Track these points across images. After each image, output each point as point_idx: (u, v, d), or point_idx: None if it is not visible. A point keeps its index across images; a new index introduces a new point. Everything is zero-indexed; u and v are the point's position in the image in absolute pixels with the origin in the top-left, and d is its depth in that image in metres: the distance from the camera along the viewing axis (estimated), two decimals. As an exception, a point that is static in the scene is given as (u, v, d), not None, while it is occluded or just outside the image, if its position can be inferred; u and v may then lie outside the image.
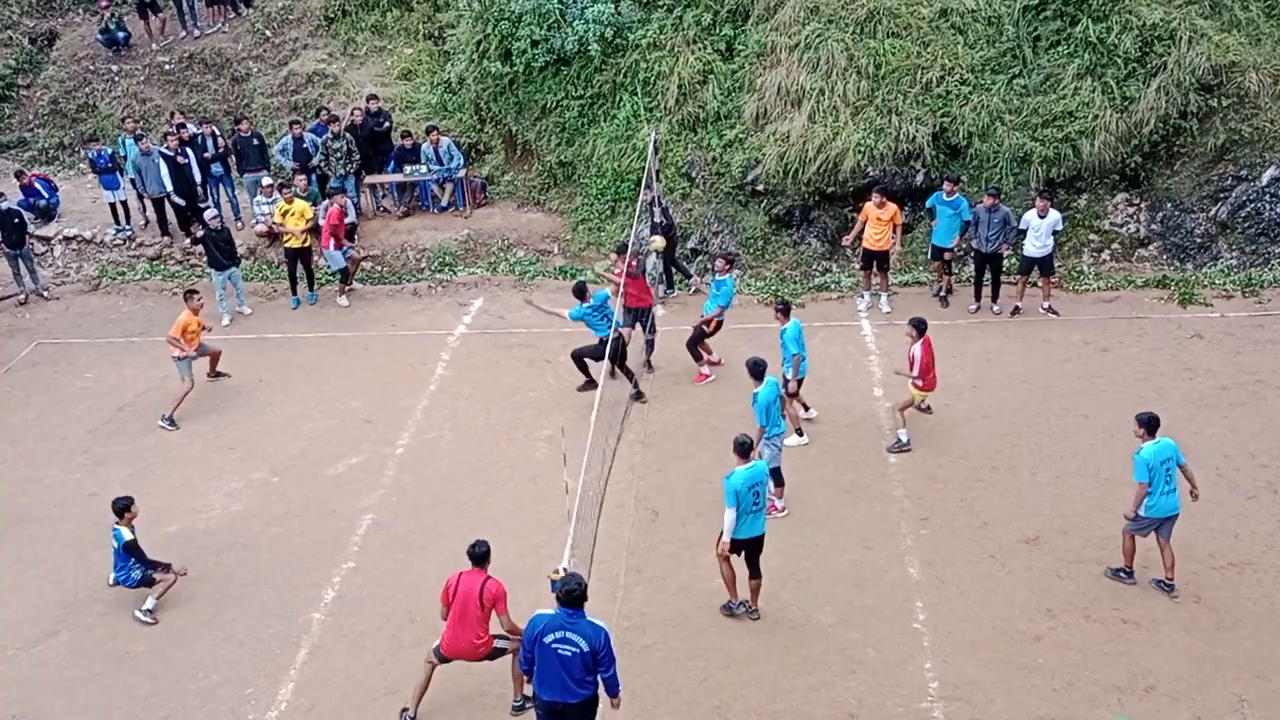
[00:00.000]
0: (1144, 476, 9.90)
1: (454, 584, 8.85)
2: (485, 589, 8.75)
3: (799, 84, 16.72)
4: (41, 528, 12.17)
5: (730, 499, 9.47)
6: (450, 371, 14.81)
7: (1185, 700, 9.01)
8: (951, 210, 15.11)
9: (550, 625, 7.75)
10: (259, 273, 17.82)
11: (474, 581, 8.79)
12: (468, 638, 8.85)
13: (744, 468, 9.56)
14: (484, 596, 8.74)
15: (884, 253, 15.33)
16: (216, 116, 19.92)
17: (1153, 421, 10.06)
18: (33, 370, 15.66)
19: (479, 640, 8.88)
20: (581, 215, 17.90)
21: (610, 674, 7.86)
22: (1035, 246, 14.84)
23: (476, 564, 8.87)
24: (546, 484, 12.08)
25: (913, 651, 9.69)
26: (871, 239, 15.21)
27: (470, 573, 8.85)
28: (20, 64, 21.90)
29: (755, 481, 9.58)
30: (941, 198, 15.17)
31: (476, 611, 8.78)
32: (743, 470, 9.54)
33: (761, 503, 9.71)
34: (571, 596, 7.70)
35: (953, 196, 15.08)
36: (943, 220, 15.21)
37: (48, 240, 18.71)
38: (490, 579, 8.82)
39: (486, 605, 8.76)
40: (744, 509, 9.56)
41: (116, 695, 9.77)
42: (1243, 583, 10.25)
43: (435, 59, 20.32)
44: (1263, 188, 15.76)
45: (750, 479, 9.54)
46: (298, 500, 12.35)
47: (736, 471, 9.54)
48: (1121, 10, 16.11)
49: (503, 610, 8.78)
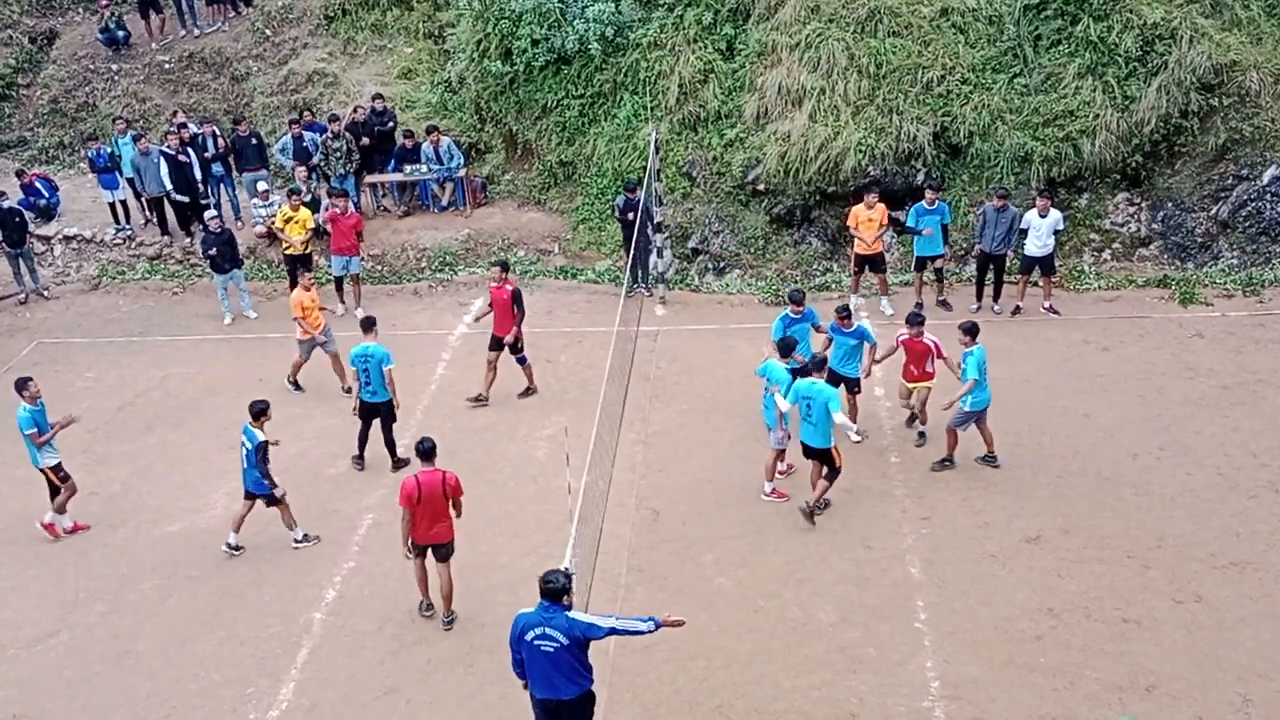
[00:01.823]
0: (975, 373, 11.43)
1: (414, 486, 9.84)
2: (446, 481, 9.90)
3: (800, 83, 16.72)
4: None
5: (792, 396, 11.00)
6: (451, 371, 14.80)
7: (1186, 699, 9.01)
8: (935, 217, 14.84)
9: (529, 623, 7.72)
10: (259, 272, 17.81)
11: (434, 478, 9.87)
12: (440, 526, 10.01)
13: (808, 380, 10.93)
14: (446, 488, 9.88)
15: (878, 255, 15.27)
16: (216, 116, 19.93)
17: (975, 329, 11.67)
18: (33, 370, 15.56)
19: (447, 526, 10.05)
20: (582, 215, 17.90)
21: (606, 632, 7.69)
22: (1036, 246, 14.82)
23: (426, 460, 9.93)
24: (547, 483, 12.09)
25: (914, 651, 9.68)
26: (861, 244, 15.07)
27: (426, 471, 9.90)
28: (20, 63, 21.90)
29: (808, 395, 10.84)
30: (923, 208, 14.79)
31: (442, 504, 9.94)
32: (805, 381, 10.95)
33: (814, 414, 10.83)
34: (550, 589, 7.63)
35: (934, 205, 14.78)
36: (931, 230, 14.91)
37: (48, 240, 18.71)
38: (446, 471, 9.95)
39: (450, 494, 9.91)
40: (815, 417, 10.84)
41: (117, 695, 9.77)
42: (1244, 582, 10.24)
43: (435, 58, 20.31)
44: (1263, 187, 15.75)
45: (807, 391, 10.86)
46: (299, 500, 12.31)
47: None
48: (1122, 9, 16.10)
49: (460, 493, 10.00)
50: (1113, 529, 11.01)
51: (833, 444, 11.00)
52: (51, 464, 11.70)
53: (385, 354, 12.12)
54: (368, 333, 12.35)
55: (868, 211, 14.92)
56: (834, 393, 10.95)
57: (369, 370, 12.12)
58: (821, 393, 10.83)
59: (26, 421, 11.47)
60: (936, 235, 14.94)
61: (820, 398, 10.81)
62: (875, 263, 15.31)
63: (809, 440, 11.09)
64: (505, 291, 13.49)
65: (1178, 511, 11.21)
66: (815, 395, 10.84)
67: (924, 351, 12.13)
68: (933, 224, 14.87)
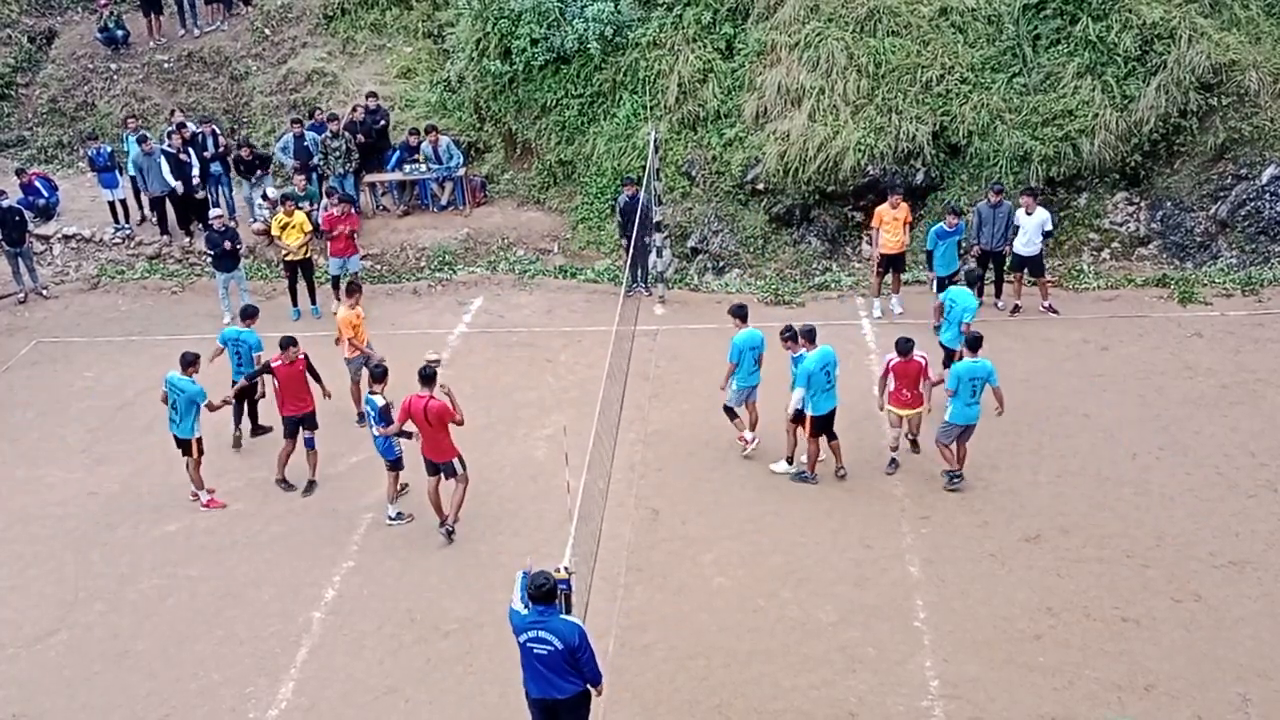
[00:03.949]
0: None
1: (408, 405, 10.78)
2: (428, 409, 10.65)
3: (799, 83, 16.73)
4: (42, 527, 12.17)
5: (801, 378, 11.49)
6: (450, 371, 14.78)
7: (1186, 699, 9.01)
8: (955, 237, 14.71)
9: (522, 625, 7.68)
10: (259, 271, 17.81)
11: (419, 404, 10.70)
12: (432, 446, 10.95)
13: (816, 351, 11.54)
14: (429, 415, 10.66)
15: (901, 255, 15.25)
16: (216, 115, 19.92)
17: (978, 342, 11.46)
18: (32, 369, 15.66)
19: (439, 446, 10.92)
20: (581, 214, 17.90)
21: (591, 669, 7.76)
22: (1024, 245, 14.81)
23: (424, 384, 10.72)
24: (547, 483, 12.09)
25: (913, 650, 9.69)
26: (888, 243, 15.02)
27: (418, 396, 10.73)
28: (19, 62, 21.87)
29: (826, 363, 11.47)
30: (944, 230, 14.61)
31: (425, 426, 10.75)
32: (815, 354, 11.50)
33: (833, 381, 11.55)
34: (541, 592, 7.56)
35: (954, 228, 14.58)
36: (947, 250, 14.75)
37: (47, 239, 18.71)
38: (432, 399, 10.67)
39: (433, 421, 10.65)
40: (818, 387, 11.45)
41: (117, 694, 9.77)
42: (1243, 581, 10.25)
43: (434, 57, 20.31)
44: (1262, 186, 15.76)
45: (821, 360, 11.46)
46: (298, 499, 12.34)
47: (809, 356, 11.52)
48: (1121, 9, 16.12)
49: (448, 418, 10.72)
50: (1112, 528, 11.02)
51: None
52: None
53: (257, 340, 13.00)
54: (246, 319, 13.25)
55: (892, 211, 14.90)
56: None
57: (240, 354, 13.01)
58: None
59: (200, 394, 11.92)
60: (953, 255, 14.74)
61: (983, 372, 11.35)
62: (898, 262, 15.30)
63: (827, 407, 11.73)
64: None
65: (1177, 511, 11.22)
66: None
67: (918, 371, 11.68)
68: (951, 244, 14.66)
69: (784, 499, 11.77)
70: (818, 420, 11.65)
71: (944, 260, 14.76)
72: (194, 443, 12.04)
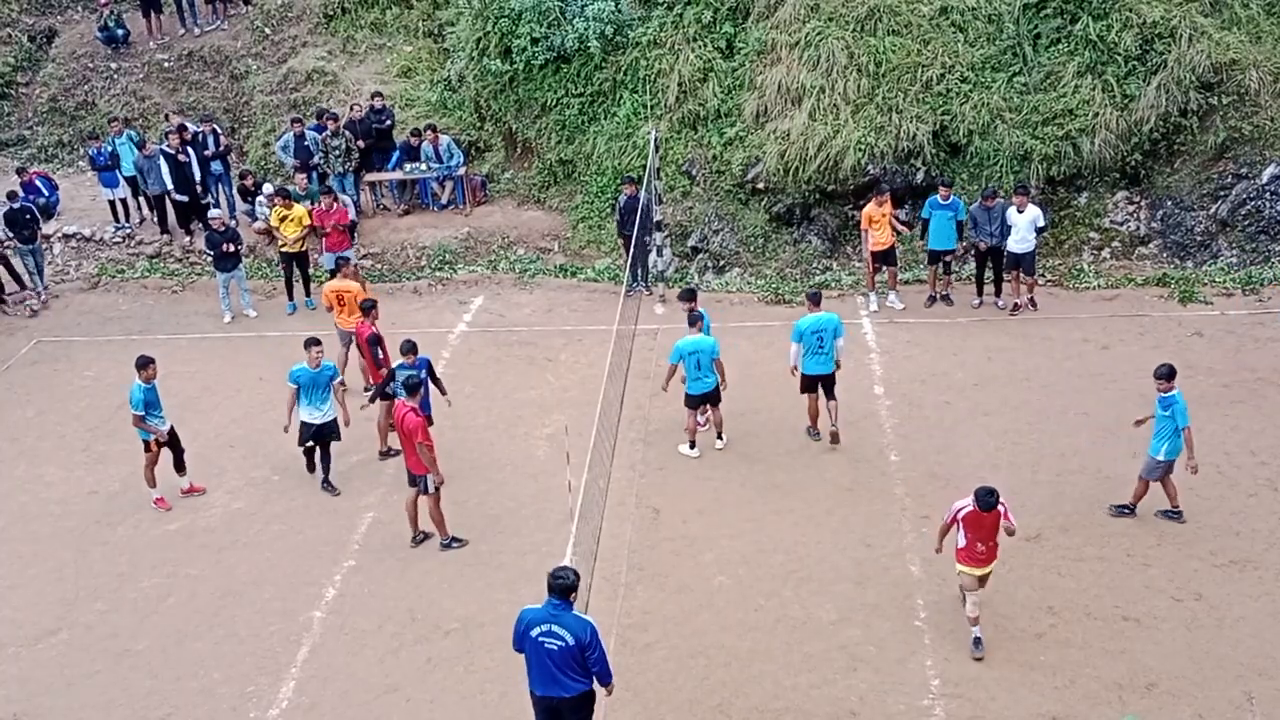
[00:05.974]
0: (1186, 419, 10.72)
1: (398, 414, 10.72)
2: (404, 421, 10.57)
3: (799, 82, 16.72)
4: (42, 525, 12.17)
5: (795, 335, 12.11)
6: (451, 370, 14.79)
7: (1186, 698, 9.01)
8: (950, 213, 15.06)
9: (536, 619, 7.71)
10: (258, 270, 17.80)
11: (398, 412, 10.67)
12: (409, 459, 10.84)
13: (812, 315, 12.08)
14: (404, 426, 10.58)
15: (891, 249, 15.35)
16: (216, 114, 19.91)
17: (1173, 371, 10.86)
18: (32, 368, 15.65)
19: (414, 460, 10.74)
20: (582, 213, 17.89)
21: (601, 667, 7.79)
22: (1016, 242, 14.85)
23: (409, 394, 10.66)
24: (547, 482, 12.08)
25: (914, 649, 9.69)
26: (877, 240, 15.20)
27: (401, 403, 10.70)
28: (19, 61, 21.85)
29: (819, 327, 12.00)
30: (937, 202, 15.07)
31: (404, 438, 10.73)
32: (810, 317, 12.08)
33: (827, 348, 12.07)
34: (560, 586, 7.62)
35: (948, 200, 15.03)
36: (940, 224, 15.13)
37: (47, 238, 18.66)
38: (410, 412, 10.54)
39: (407, 433, 10.57)
40: (810, 349, 12.08)
41: (117, 693, 9.77)
42: (1244, 580, 10.25)
43: (435, 57, 20.30)
44: (1263, 185, 15.75)
45: (815, 324, 12.00)
46: (299, 498, 12.34)
47: (804, 317, 12.11)
48: (1121, 8, 16.10)
49: (418, 440, 10.52)
50: (1112, 527, 11.02)
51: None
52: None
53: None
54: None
55: (880, 209, 15.09)
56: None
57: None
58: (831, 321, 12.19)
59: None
60: (951, 230, 15.13)
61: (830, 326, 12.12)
62: (890, 257, 15.46)
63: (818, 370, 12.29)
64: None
65: (1177, 510, 11.22)
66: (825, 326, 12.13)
67: (996, 522, 9.35)
68: (946, 218, 15.05)
69: (785, 498, 11.77)
70: (804, 378, 12.38)
71: (938, 235, 15.20)
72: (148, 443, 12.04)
